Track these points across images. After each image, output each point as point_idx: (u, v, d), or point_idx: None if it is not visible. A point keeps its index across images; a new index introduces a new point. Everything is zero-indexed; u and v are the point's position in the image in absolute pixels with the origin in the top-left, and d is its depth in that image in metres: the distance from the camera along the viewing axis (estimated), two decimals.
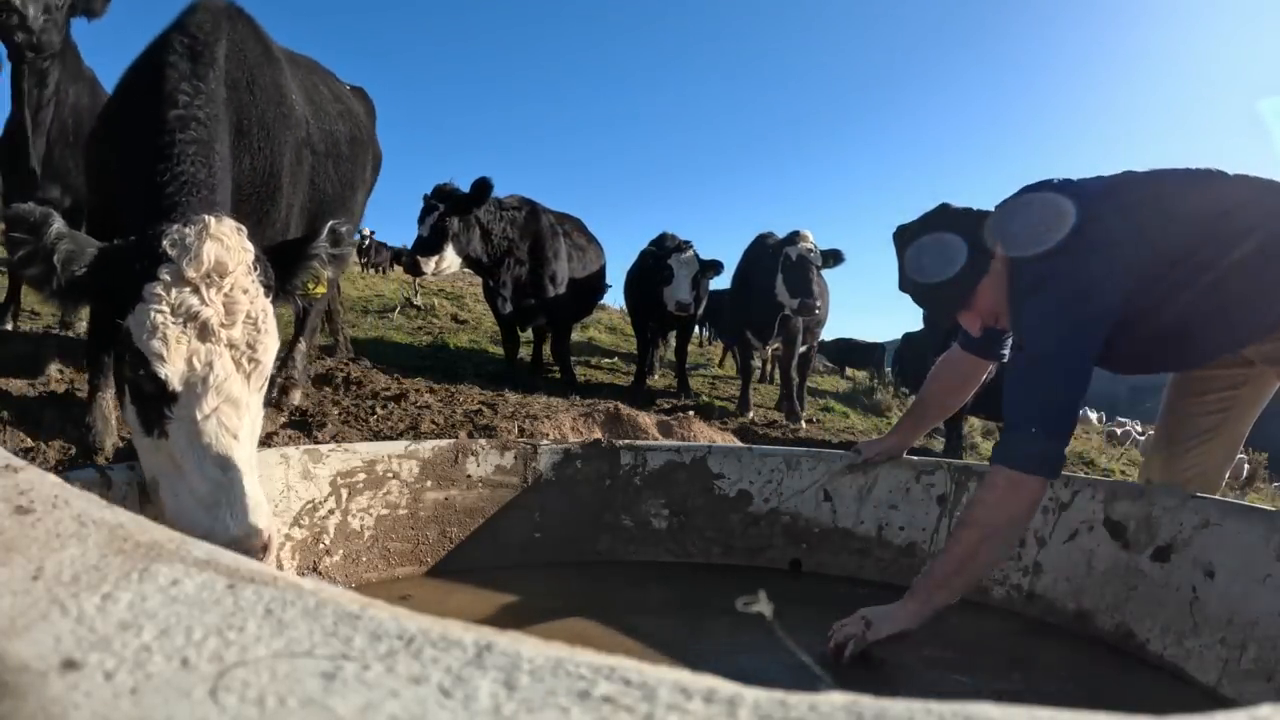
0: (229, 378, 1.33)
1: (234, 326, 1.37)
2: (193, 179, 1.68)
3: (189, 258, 1.36)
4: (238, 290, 1.39)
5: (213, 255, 1.38)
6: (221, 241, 1.40)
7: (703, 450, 2.38)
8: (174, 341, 1.31)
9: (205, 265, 1.36)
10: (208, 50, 2.01)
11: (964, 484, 2.21)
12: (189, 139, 1.76)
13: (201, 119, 1.82)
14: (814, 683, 1.31)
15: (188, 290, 1.34)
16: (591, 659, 0.35)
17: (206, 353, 1.33)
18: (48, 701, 0.31)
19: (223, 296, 1.37)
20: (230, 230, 1.44)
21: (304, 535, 1.87)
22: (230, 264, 1.39)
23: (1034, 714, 0.31)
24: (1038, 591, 2.01)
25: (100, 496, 0.53)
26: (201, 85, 1.90)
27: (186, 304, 1.33)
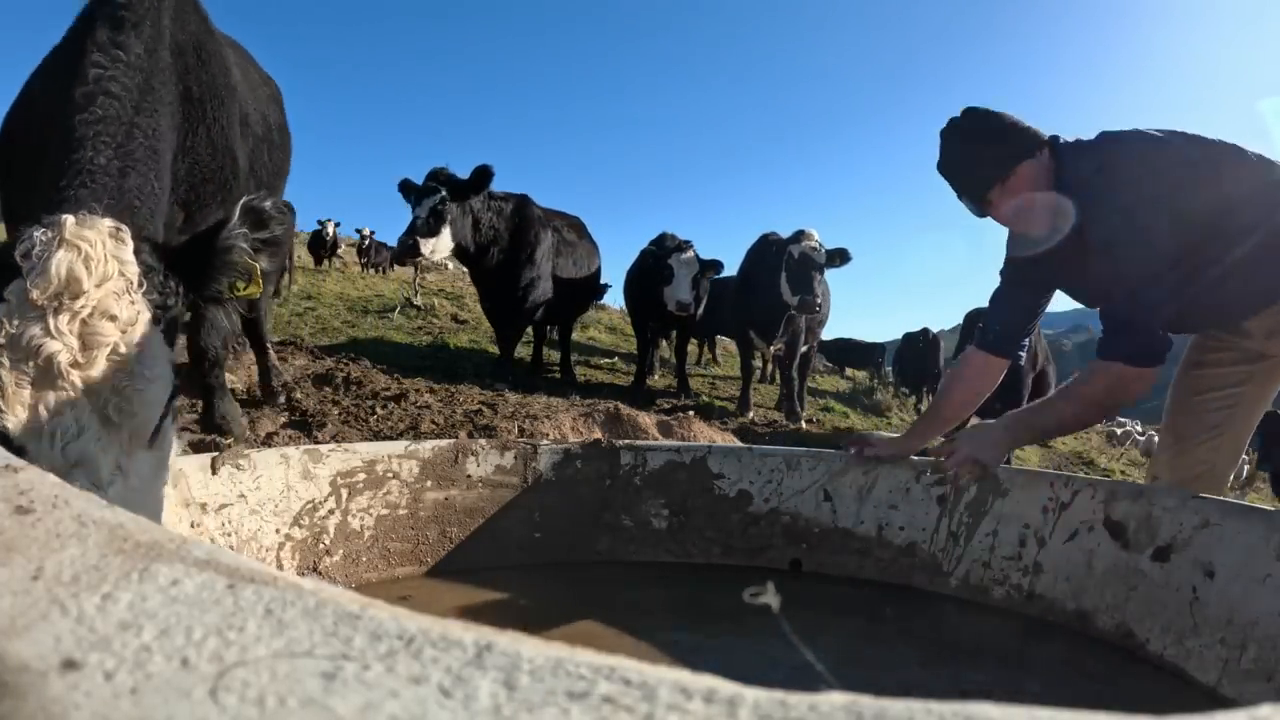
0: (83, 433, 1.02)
1: (92, 365, 1.05)
2: (89, 164, 1.35)
3: (35, 274, 1.05)
4: (100, 317, 1.07)
5: (64, 270, 1.06)
6: (79, 249, 1.08)
7: (703, 450, 2.38)
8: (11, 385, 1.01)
9: (54, 284, 1.05)
10: (133, 12, 1.69)
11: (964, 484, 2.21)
12: (93, 118, 1.42)
13: (114, 91, 1.49)
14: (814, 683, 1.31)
15: (33, 316, 1.04)
16: (591, 659, 0.35)
17: (55, 400, 1.02)
18: (48, 701, 0.31)
19: (79, 325, 1.06)
20: (97, 234, 1.12)
21: (304, 535, 1.87)
22: (87, 282, 1.07)
23: (1034, 714, 0.31)
24: (1038, 591, 2.01)
25: (100, 496, 0.53)
26: (121, 54, 1.57)
27: (28, 335, 1.03)
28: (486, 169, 5.01)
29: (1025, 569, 2.06)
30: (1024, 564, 2.06)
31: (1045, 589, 2.00)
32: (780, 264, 5.73)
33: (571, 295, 6.38)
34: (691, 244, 6.25)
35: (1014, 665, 1.76)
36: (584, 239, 6.59)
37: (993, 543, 2.12)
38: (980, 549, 2.14)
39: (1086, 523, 1.97)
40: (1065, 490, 2.04)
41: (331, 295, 9.82)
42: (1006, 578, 2.08)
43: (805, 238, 5.72)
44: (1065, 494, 2.04)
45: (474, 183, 5.02)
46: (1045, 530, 2.05)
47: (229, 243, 1.32)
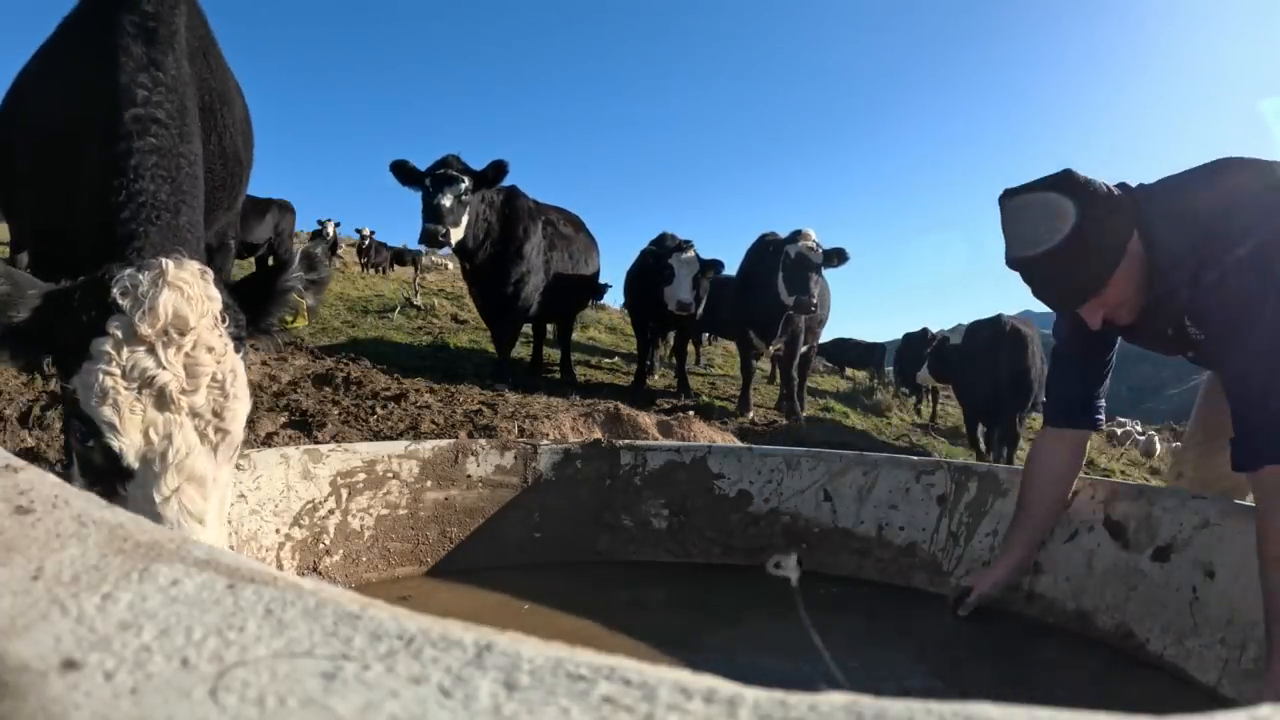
0: (192, 452, 1.15)
1: (197, 392, 1.17)
2: (153, 199, 1.45)
3: (142, 311, 1.16)
4: (201, 349, 1.19)
5: (171, 308, 1.17)
6: (182, 290, 1.20)
7: (703, 450, 2.38)
8: (126, 410, 1.12)
9: (162, 320, 1.17)
10: (164, 26, 1.71)
11: (964, 484, 2.21)
12: (148, 147, 1.51)
13: (162, 119, 1.56)
14: (814, 683, 1.31)
15: (142, 350, 1.15)
16: (591, 659, 0.35)
17: (165, 423, 1.14)
18: (48, 701, 0.31)
19: (183, 357, 1.17)
20: (192, 276, 1.23)
21: (304, 535, 1.87)
22: (192, 318, 1.19)
23: (1034, 714, 0.31)
24: (1038, 591, 2.01)
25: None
26: (161, 75, 1.62)
27: (140, 366, 1.14)
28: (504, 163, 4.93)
29: (1025, 569, 2.05)
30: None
31: (1045, 589, 2.00)
32: (777, 264, 5.74)
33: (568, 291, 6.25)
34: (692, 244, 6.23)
35: (1014, 665, 1.76)
36: (581, 233, 6.48)
37: (993, 543, 2.12)
38: (980, 549, 2.13)
39: (1086, 523, 1.97)
40: None
41: (331, 295, 9.83)
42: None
43: (802, 238, 5.72)
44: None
45: (492, 175, 4.92)
46: None
47: (289, 284, 1.45)
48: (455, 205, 4.73)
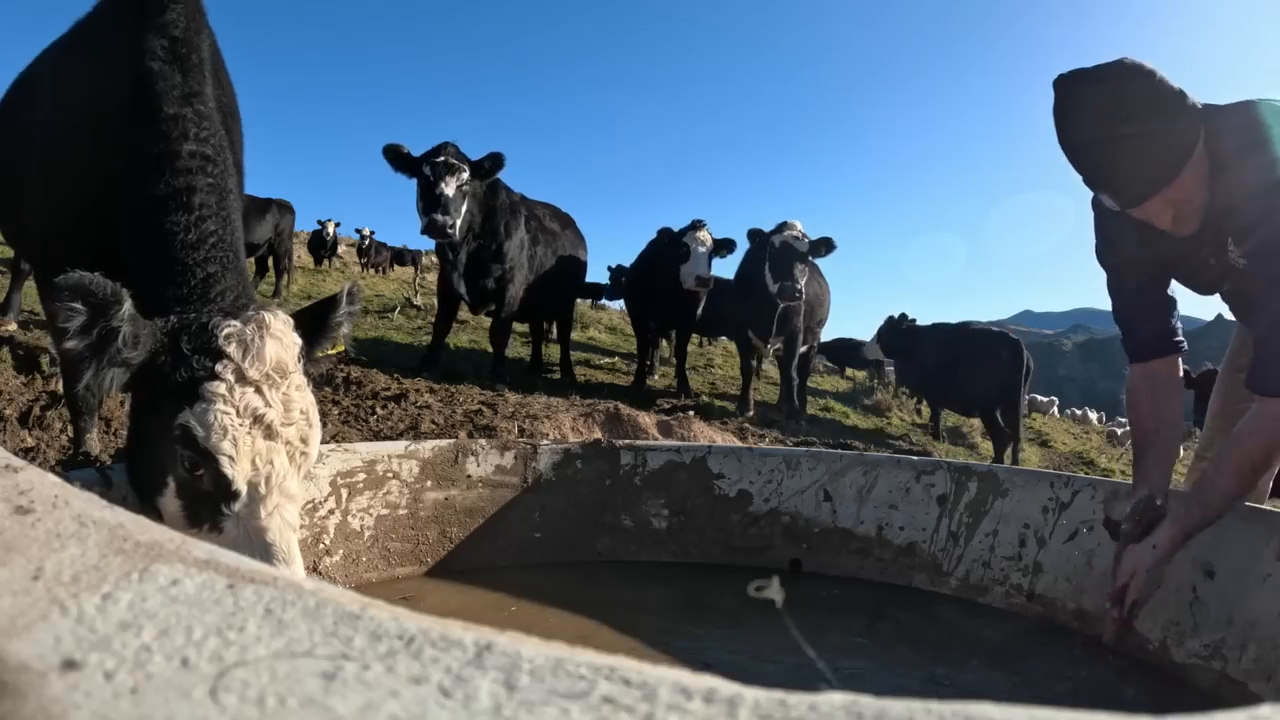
0: (287, 474, 1.34)
1: (292, 425, 1.36)
2: (220, 240, 1.58)
3: (251, 358, 1.34)
4: (293, 388, 1.38)
5: (274, 355, 1.36)
6: (280, 340, 1.38)
7: (703, 450, 2.38)
8: (243, 443, 1.29)
9: (268, 366, 1.35)
10: (196, 53, 1.78)
11: (964, 484, 2.21)
12: (207, 186, 1.62)
13: (212, 155, 1.66)
14: (814, 682, 1.31)
15: (251, 391, 1.32)
16: (591, 659, 0.35)
17: (269, 451, 1.32)
18: (48, 701, 0.31)
19: (282, 395, 1.36)
20: (285, 327, 1.42)
21: (304, 535, 1.87)
22: (290, 364, 1.38)
23: (1034, 714, 0.31)
24: (1038, 591, 2.01)
25: (100, 496, 0.53)
26: (204, 108, 1.72)
27: (251, 405, 1.31)
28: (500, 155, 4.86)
29: (1025, 569, 2.06)
30: (1024, 564, 2.06)
31: (1045, 589, 2.00)
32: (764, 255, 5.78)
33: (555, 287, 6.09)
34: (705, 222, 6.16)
35: (1014, 665, 1.76)
36: (567, 229, 6.34)
37: (993, 543, 2.12)
38: (980, 549, 2.14)
39: (1086, 523, 1.97)
40: (1065, 490, 2.04)
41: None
42: (1006, 578, 2.09)
43: (787, 227, 5.74)
44: (1065, 494, 2.04)
45: (489, 166, 4.85)
46: (1045, 530, 2.05)
47: (341, 320, 1.60)
48: (457, 195, 4.62)
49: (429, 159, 4.67)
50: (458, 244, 4.98)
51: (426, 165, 4.65)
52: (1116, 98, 1.47)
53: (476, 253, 5.18)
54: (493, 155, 4.87)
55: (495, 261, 5.27)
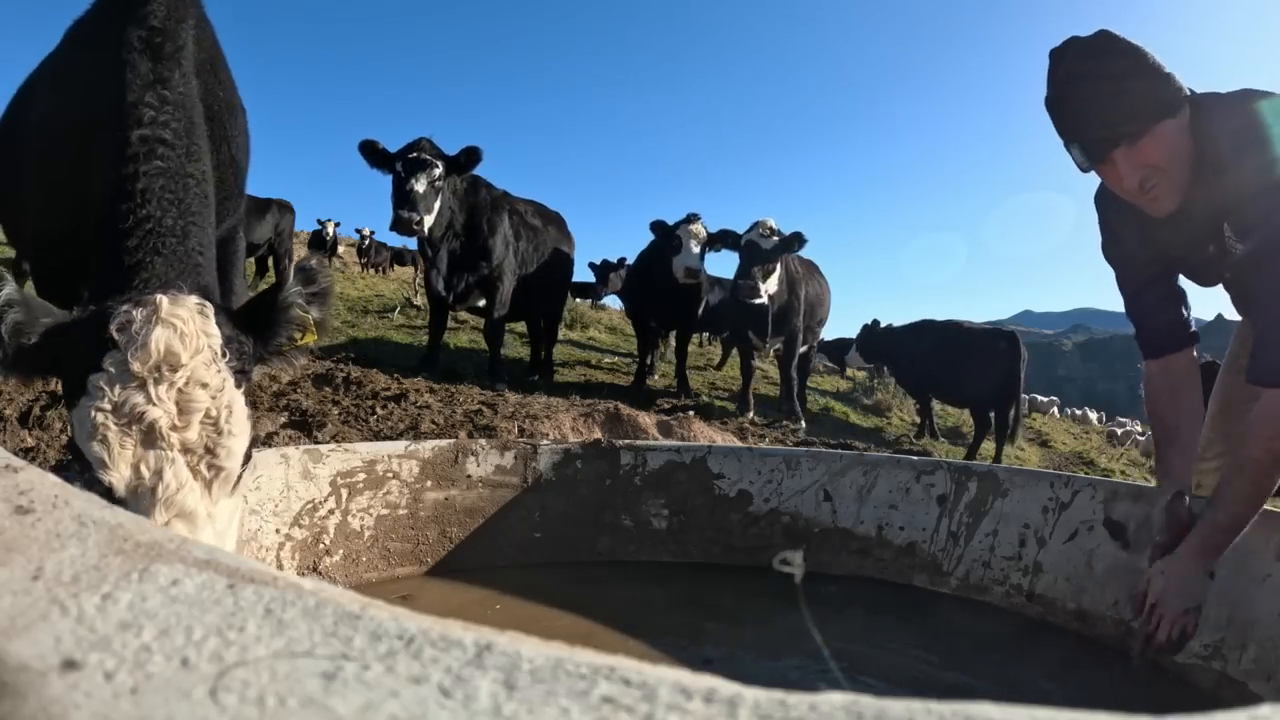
0: (182, 488, 1.15)
1: (189, 428, 1.17)
2: (158, 225, 1.45)
3: (135, 348, 1.16)
4: (194, 386, 1.19)
5: (163, 345, 1.17)
6: (175, 327, 1.20)
7: (703, 450, 2.38)
8: (116, 446, 1.12)
9: (154, 357, 1.17)
10: (170, 41, 1.70)
11: (964, 484, 2.21)
12: (155, 170, 1.50)
13: (169, 139, 1.55)
14: (814, 682, 1.31)
15: (134, 386, 1.15)
16: (591, 659, 0.35)
17: (156, 459, 1.14)
18: (48, 701, 0.31)
19: (176, 393, 1.17)
20: (189, 312, 1.23)
21: (304, 535, 1.87)
22: (185, 355, 1.19)
23: (1034, 714, 0.31)
24: (1038, 591, 2.01)
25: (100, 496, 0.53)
26: (168, 93, 1.62)
27: (131, 402, 1.14)
28: (477, 149, 4.80)
29: (1025, 569, 2.06)
30: (1024, 564, 2.06)
31: (1045, 589, 2.00)
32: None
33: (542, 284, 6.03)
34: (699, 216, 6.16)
35: (1014, 665, 1.76)
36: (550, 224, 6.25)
37: (993, 543, 2.12)
38: (980, 549, 2.14)
39: (1086, 523, 1.97)
40: (1065, 490, 2.04)
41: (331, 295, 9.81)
42: (1006, 578, 2.09)
43: (757, 226, 5.76)
44: (1065, 494, 2.04)
45: (464, 161, 4.79)
46: (1045, 530, 2.05)
47: (289, 301, 1.42)
48: (429, 191, 4.56)
49: (401, 155, 4.63)
50: (436, 241, 4.93)
51: (399, 162, 4.60)
52: (1096, 53, 1.51)
53: (457, 250, 5.12)
54: (468, 150, 4.81)
55: (481, 259, 5.21)
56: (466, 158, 4.81)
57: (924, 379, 7.61)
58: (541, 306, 6.39)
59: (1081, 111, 1.54)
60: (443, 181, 4.67)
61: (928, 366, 7.39)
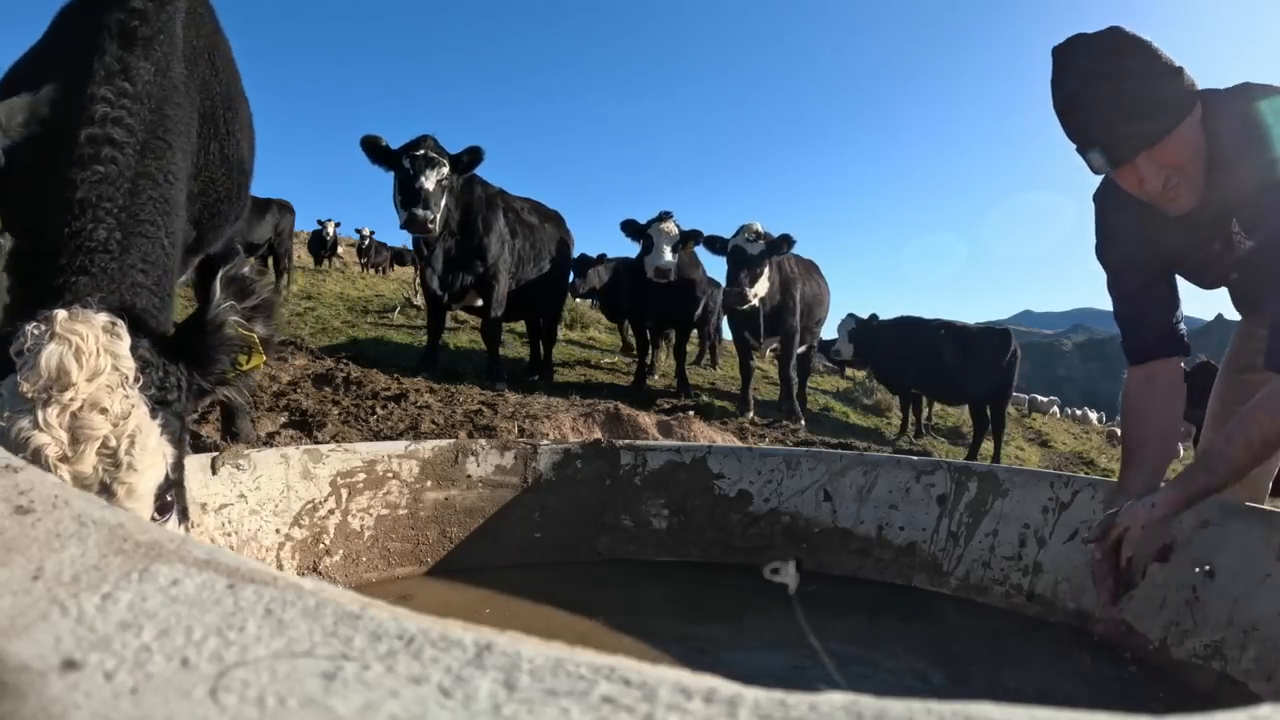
0: None
1: (81, 460, 1.03)
2: (88, 240, 1.28)
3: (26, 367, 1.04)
4: (90, 410, 1.05)
5: (54, 363, 1.04)
6: (71, 344, 1.06)
7: (703, 450, 2.38)
8: None
9: (44, 377, 1.04)
10: (146, 25, 1.54)
11: (964, 484, 2.21)
12: (95, 177, 1.34)
13: (117, 139, 1.39)
14: (814, 682, 1.31)
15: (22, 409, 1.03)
16: (591, 659, 0.35)
17: None
18: (48, 701, 0.31)
19: (68, 418, 1.04)
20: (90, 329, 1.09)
21: (304, 535, 1.87)
22: (76, 375, 1.05)
23: (1034, 714, 0.31)
24: (1038, 591, 2.01)
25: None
26: (129, 85, 1.45)
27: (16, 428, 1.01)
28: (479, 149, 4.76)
29: (1025, 569, 2.06)
30: (1024, 564, 2.06)
31: (1045, 589, 2.00)
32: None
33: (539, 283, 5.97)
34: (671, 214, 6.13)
35: (1014, 665, 1.76)
36: (547, 222, 6.20)
37: (993, 543, 2.12)
38: (980, 549, 2.14)
39: (1086, 523, 1.97)
40: (1065, 490, 2.04)
41: (331, 295, 9.83)
42: (1006, 578, 2.09)
43: (743, 230, 5.76)
44: (1065, 494, 2.04)
45: (467, 161, 4.76)
46: (1045, 530, 2.05)
47: (220, 319, 1.26)
48: (437, 189, 4.51)
49: (408, 152, 4.58)
50: (433, 241, 4.88)
51: (406, 158, 4.55)
52: (1112, 53, 1.47)
53: (453, 249, 5.08)
54: (471, 149, 4.78)
55: (476, 258, 5.17)
56: (470, 157, 4.78)
57: (911, 376, 7.65)
58: (540, 306, 6.36)
59: (1103, 115, 1.49)
60: (448, 180, 4.64)
61: (918, 364, 7.43)
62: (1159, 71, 1.47)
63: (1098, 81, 1.48)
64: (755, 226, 5.75)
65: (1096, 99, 1.48)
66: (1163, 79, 1.47)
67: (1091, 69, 1.48)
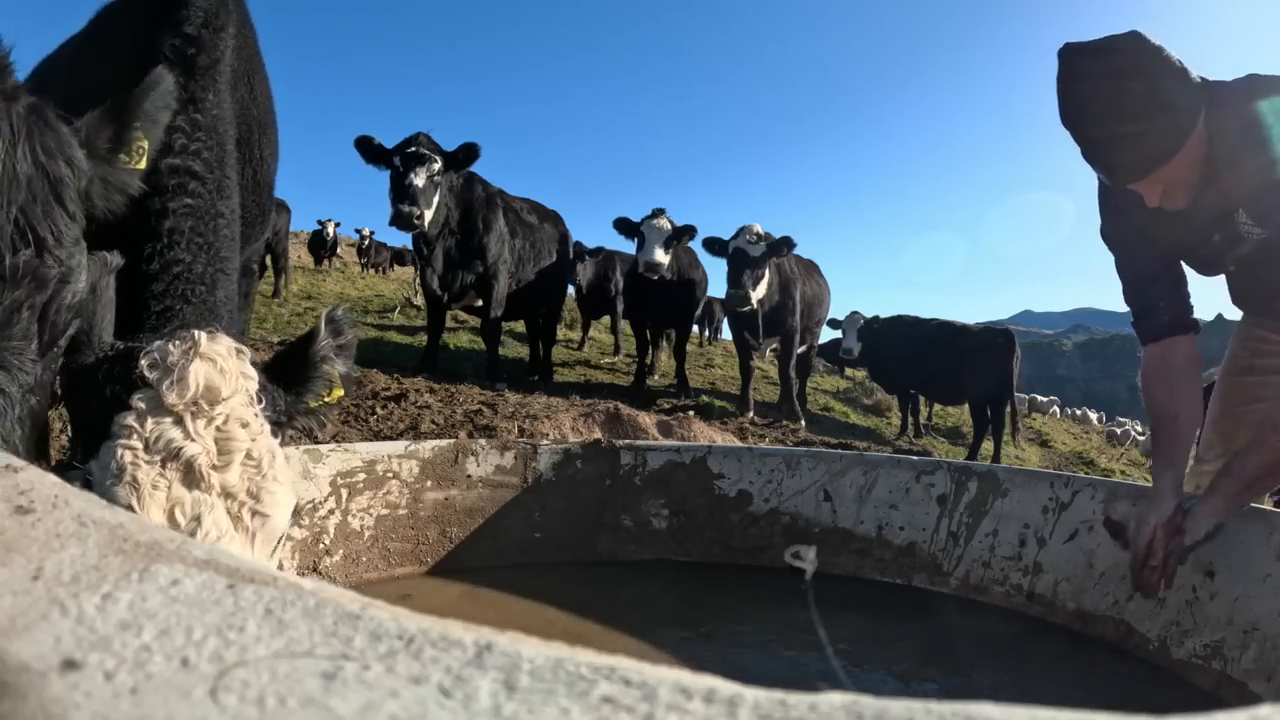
0: (223, 536, 1.04)
1: (229, 469, 1.06)
2: (187, 271, 1.35)
3: (170, 380, 1.07)
4: (234, 423, 1.09)
5: (202, 379, 1.08)
6: (215, 363, 1.11)
7: (703, 450, 2.38)
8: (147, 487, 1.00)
9: (192, 390, 1.07)
10: (205, 55, 1.57)
11: (964, 484, 2.21)
12: (184, 209, 1.40)
13: (199, 171, 1.45)
14: (814, 682, 1.31)
15: (168, 421, 1.05)
16: (591, 659, 0.35)
17: (194, 503, 1.02)
18: (48, 701, 0.31)
19: (214, 430, 1.07)
20: (226, 350, 1.15)
21: (304, 535, 1.87)
22: (224, 390, 1.10)
23: (1034, 714, 0.31)
24: (1038, 591, 2.01)
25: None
26: (200, 116, 1.50)
27: (166, 438, 1.03)
28: (475, 145, 4.77)
29: (1025, 569, 2.06)
30: (1024, 564, 2.06)
31: (1045, 589, 2.00)
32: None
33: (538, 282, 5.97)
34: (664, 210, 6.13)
35: (1014, 665, 1.76)
36: (546, 221, 6.22)
37: (993, 543, 2.12)
38: (980, 549, 2.14)
39: (1086, 523, 1.97)
40: (1065, 490, 2.04)
41: (331, 295, 9.83)
42: (1006, 578, 2.09)
43: (744, 232, 5.77)
44: (1065, 494, 2.04)
45: (462, 158, 4.76)
46: (1045, 530, 2.05)
47: (321, 355, 1.32)
48: (428, 186, 4.52)
49: (399, 150, 4.60)
50: (431, 239, 4.89)
51: (397, 156, 4.57)
52: (1121, 74, 1.45)
53: (453, 249, 5.08)
54: (466, 146, 4.78)
55: (476, 257, 5.17)
56: (464, 154, 4.78)
57: (911, 377, 7.67)
58: (539, 305, 6.36)
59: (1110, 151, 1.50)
60: (441, 177, 4.64)
61: (917, 364, 7.46)
62: (1168, 88, 1.45)
63: (1106, 105, 1.47)
64: (756, 228, 5.76)
65: (1105, 124, 1.48)
66: (1171, 98, 1.45)
67: (1101, 89, 1.47)
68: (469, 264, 5.20)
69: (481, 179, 5.40)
